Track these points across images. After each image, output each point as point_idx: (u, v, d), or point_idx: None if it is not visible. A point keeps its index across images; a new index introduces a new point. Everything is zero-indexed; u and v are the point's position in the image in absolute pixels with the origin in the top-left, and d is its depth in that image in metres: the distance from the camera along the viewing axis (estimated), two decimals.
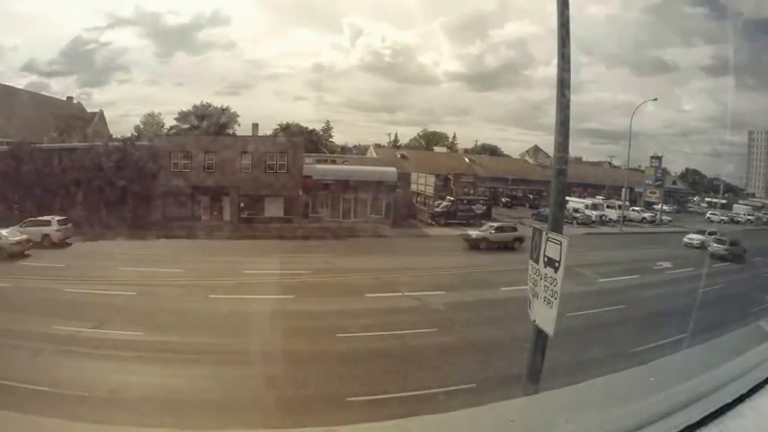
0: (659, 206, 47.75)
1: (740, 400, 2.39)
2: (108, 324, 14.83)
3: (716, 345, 3.59)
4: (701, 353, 3.59)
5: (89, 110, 44.46)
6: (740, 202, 58.34)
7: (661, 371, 2.98)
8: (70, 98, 44.00)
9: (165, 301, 17.30)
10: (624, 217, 42.00)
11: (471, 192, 43.43)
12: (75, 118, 40.40)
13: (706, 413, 2.27)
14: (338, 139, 57.52)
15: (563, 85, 6.75)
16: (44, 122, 35.80)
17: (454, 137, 64.14)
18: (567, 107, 6.80)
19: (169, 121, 50.96)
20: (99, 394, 10.80)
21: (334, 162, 39.87)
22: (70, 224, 26.25)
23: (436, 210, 37.26)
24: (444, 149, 58.22)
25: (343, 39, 76.38)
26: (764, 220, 51.61)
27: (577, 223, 38.19)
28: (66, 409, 9.79)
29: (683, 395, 2.42)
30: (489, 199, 42.36)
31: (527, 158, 56.82)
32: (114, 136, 40.68)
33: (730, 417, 2.31)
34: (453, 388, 11.60)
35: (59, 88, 58.20)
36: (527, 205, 46.71)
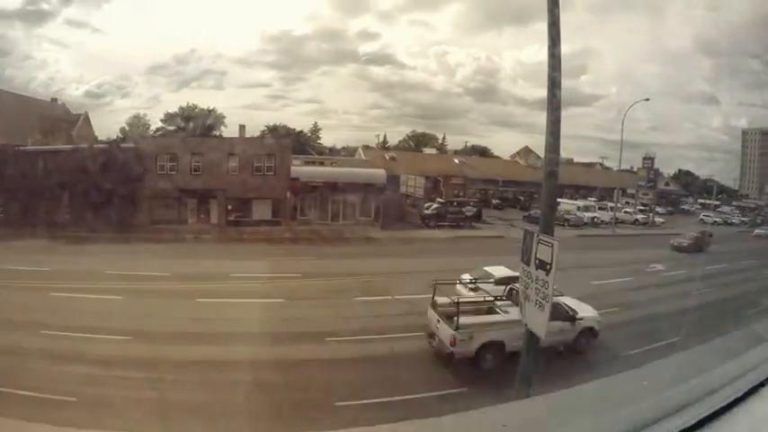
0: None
1: (734, 404, 2.36)
2: (94, 328, 14.59)
3: (710, 348, 3.57)
4: (695, 356, 3.57)
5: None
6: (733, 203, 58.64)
7: (655, 374, 2.95)
8: (54, 99, 43.45)
9: (152, 306, 17.07)
10: (616, 219, 42.19)
11: (461, 193, 43.46)
12: (60, 120, 39.86)
13: (700, 417, 2.25)
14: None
15: (554, 85, 6.71)
16: (28, 124, 35.26)
17: (443, 138, 64.30)
18: (558, 108, 6.75)
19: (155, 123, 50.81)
20: (87, 399, 10.66)
21: (322, 164, 39.75)
22: None
23: (426, 212, 37.21)
24: (434, 151, 58.25)
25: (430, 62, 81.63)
26: (758, 221, 51.75)
27: (569, 225, 38.25)
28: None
29: (677, 399, 2.39)
30: (479, 201, 42.40)
31: (518, 160, 56.92)
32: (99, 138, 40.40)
33: (724, 421, 2.28)
34: (445, 392, 11.57)
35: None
36: (518, 207, 46.77)
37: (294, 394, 11.80)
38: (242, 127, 39.37)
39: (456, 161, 52.29)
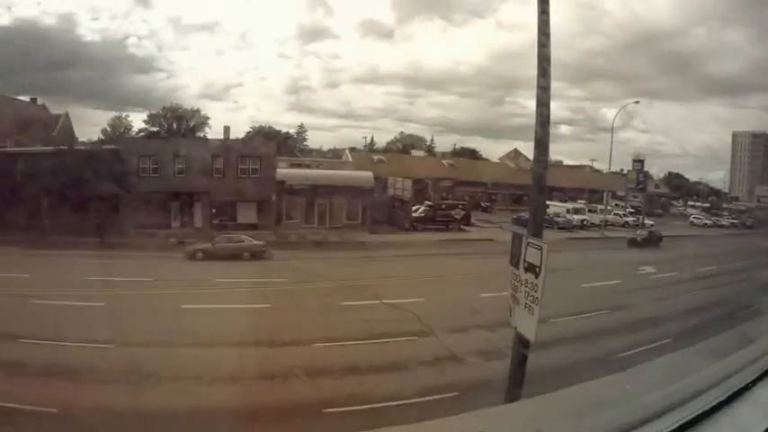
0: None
1: (718, 407, 2.29)
2: (77, 336, 14.29)
3: (697, 350, 3.52)
4: (681, 358, 3.52)
5: None
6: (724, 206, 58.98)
7: (640, 377, 2.89)
8: (34, 99, 42.71)
9: (137, 312, 16.81)
10: (606, 221, 42.33)
11: (450, 196, 43.48)
12: (40, 120, 39.28)
13: (683, 421, 2.18)
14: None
15: (543, 76, 6.52)
16: (8, 125, 34.72)
17: (432, 140, 64.40)
18: (547, 105, 6.59)
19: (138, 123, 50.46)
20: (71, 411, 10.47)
21: (308, 166, 39.57)
22: None
23: (414, 215, 37.12)
24: (422, 153, 58.24)
25: None
26: (748, 223, 52.10)
27: (558, 228, 38.35)
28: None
29: (660, 402, 2.33)
30: (468, 203, 42.33)
31: (507, 162, 56.87)
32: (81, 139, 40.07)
33: (708, 424, 2.22)
34: (436, 397, 11.50)
35: None
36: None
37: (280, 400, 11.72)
38: (227, 128, 39.20)
39: (444, 163, 52.30)
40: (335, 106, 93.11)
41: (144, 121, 50.09)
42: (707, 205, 58.56)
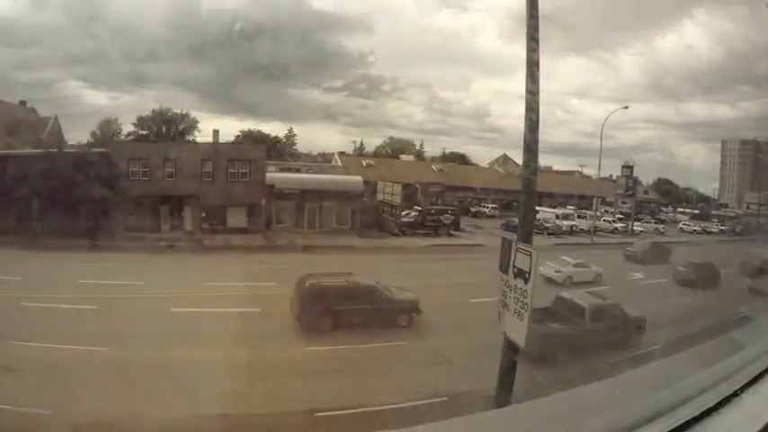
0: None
1: (707, 413, 2.31)
2: (69, 339, 14.16)
3: (686, 356, 3.53)
4: (670, 365, 3.53)
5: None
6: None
7: (629, 383, 2.90)
8: (23, 102, 42.24)
9: (127, 315, 16.67)
10: (595, 227, 42.48)
11: (439, 201, 43.45)
12: (28, 123, 38.84)
13: (672, 427, 2.20)
14: None
15: (532, 78, 6.53)
16: None
17: (421, 145, 64.33)
18: (536, 109, 6.60)
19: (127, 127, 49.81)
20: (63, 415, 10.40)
21: (298, 171, 39.45)
22: None
23: (403, 219, 37.07)
24: (411, 158, 58.11)
25: None
26: (737, 230, 52.29)
27: (547, 233, 38.45)
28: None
29: (649, 408, 2.34)
30: (457, 208, 42.29)
31: (496, 167, 56.91)
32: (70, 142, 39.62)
33: (696, 431, 2.23)
34: (426, 402, 11.50)
35: None
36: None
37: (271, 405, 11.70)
38: (216, 132, 39.05)
39: (434, 168, 52.27)
40: None
41: (133, 125, 49.60)
42: (696, 212, 58.81)
